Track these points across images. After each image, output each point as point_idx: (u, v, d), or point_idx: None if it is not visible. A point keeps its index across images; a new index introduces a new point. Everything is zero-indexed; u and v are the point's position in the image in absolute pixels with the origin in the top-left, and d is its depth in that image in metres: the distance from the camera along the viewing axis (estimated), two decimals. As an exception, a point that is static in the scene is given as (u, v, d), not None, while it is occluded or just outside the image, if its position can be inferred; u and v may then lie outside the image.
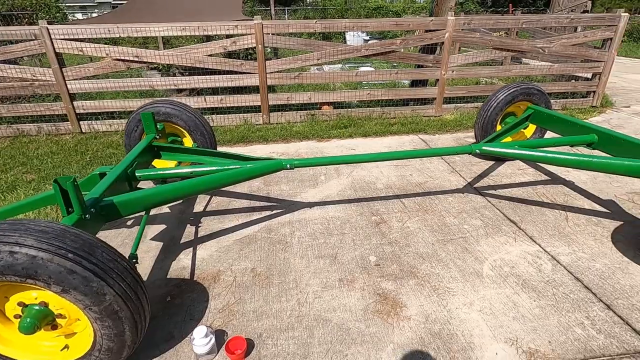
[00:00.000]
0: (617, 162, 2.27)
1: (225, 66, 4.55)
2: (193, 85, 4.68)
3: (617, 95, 6.28)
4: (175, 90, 5.52)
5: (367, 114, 5.07)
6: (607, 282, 2.09)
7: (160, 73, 6.71)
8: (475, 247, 2.41)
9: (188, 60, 4.47)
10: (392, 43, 4.67)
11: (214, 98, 4.75)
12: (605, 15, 4.88)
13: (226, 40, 4.56)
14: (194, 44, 4.58)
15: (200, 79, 4.60)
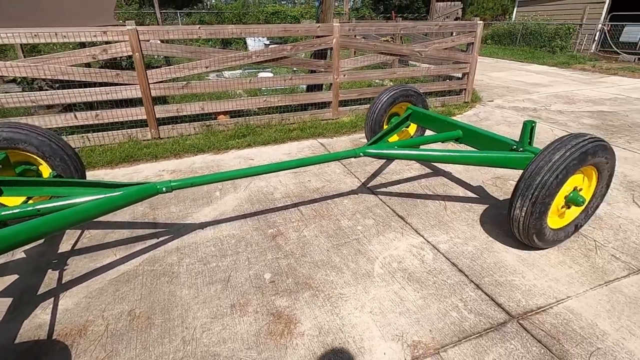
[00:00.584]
0: (474, 154, 2.56)
1: (96, 77, 4.01)
2: (57, 100, 4.02)
3: (484, 91, 7.29)
4: (44, 106, 4.71)
5: (266, 121, 4.98)
6: (477, 262, 2.34)
7: (21, 87, 5.67)
8: (367, 247, 2.50)
9: (47, 72, 3.82)
10: (282, 49, 4.66)
11: (87, 114, 4.16)
12: (466, 23, 5.60)
13: (96, 48, 4.02)
14: (60, 52, 3.94)
15: (64, 93, 3.97)
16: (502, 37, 15.91)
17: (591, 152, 2.09)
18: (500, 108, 6.01)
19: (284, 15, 14.89)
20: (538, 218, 2.17)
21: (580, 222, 2.45)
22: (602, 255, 2.39)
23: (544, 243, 2.34)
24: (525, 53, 13.32)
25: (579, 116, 5.51)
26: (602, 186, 2.37)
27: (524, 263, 2.33)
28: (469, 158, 2.54)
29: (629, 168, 3.70)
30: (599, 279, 2.19)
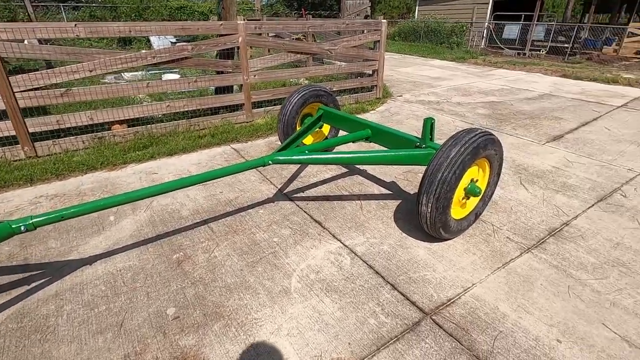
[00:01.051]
0: (380, 154, 2.58)
1: None
2: None
3: (394, 87, 7.68)
4: None
5: (172, 128, 4.53)
6: (392, 262, 2.37)
7: None
8: (284, 261, 2.36)
9: None
10: (182, 49, 4.26)
11: None
12: (372, 21, 5.78)
13: None
14: None
15: None
16: (407, 34, 17.08)
17: (482, 145, 2.23)
18: (408, 102, 6.36)
19: (191, 11, 13.93)
20: (442, 212, 2.25)
21: (479, 210, 2.63)
22: (499, 239, 2.61)
23: (450, 234, 2.46)
24: (428, 49, 14.46)
25: (474, 107, 6.09)
26: (494, 175, 2.56)
27: (434, 256, 2.42)
28: (376, 158, 2.56)
29: (516, 153, 4.16)
30: (497, 262, 2.37)
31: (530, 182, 3.46)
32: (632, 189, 3.31)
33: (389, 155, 2.53)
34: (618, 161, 3.93)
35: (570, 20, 21.74)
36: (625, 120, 5.39)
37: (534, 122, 5.27)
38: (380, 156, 2.54)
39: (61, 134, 4.00)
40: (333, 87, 5.75)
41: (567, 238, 2.61)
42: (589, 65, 11.16)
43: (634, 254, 2.44)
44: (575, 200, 3.13)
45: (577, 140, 4.54)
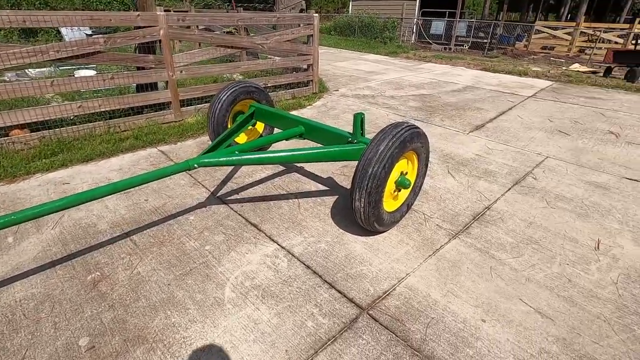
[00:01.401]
0: (312, 152, 2.53)
1: None
2: None
3: (331, 81, 7.73)
4: None
5: (87, 131, 4.06)
6: (330, 259, 2.35)
7: None
8: (217, 270, 2.22)
9: None
10: (94, 42, 3.82)
11: None
12: (303, 15, 5.71)
13: None
14: None
15: None
16: (343, 29, 17.35)
17: (409, 139, 2.29)
18: (345, 97, 6.43)
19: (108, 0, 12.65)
20: (375, 206, 2.28)
21: (410, 201, 2.72)
22: (430, 227, 2.72)
23: (384, 227, 2.51)
24: (363, 44, 14.83)
25: (406, 100, 6.35)
26: (422, 166, 2.66)
27: (370, 249, 2.45)
28: (307, 156, 2.51)
29: (444, 143, 4.41)
30: (429, 250, 2.47)
31: (457, 170, 3.68)
32: (541, 172, 3.69)
33: (320, 153, 2.50)
34: (529, 147, 4.35)
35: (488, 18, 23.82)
36: (534, 109, 6.00)
37: (459, 113, 5.64)
38: (311, 154, 2.50)
39: (-58, 143, 3.37)
40: (268, 82, 5.60)
41: (489, 221, 2.81)
42: (505, 59, 12.28)
43: (543, 231, 2.71)
44: (495, 185, 3.39)
45: (496, 129, 4.95)
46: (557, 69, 10.03)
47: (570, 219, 2.87)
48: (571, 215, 2.92)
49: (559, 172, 3.68)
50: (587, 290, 2.15)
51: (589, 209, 3.01)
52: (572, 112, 5.82)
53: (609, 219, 2.89)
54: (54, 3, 11.38)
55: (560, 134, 4.81)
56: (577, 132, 4.87)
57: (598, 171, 3.73)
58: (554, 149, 4.29)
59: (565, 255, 2.45)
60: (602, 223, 2.82)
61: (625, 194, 3.28)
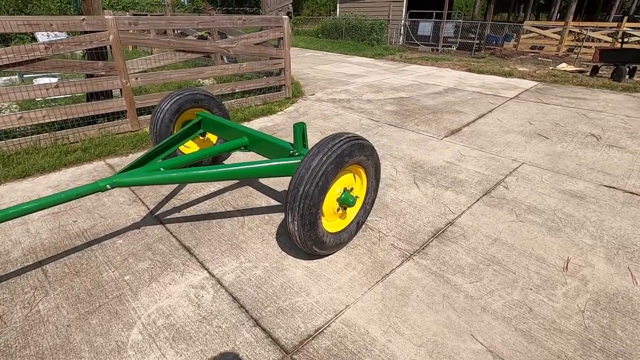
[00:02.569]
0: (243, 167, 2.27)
1: None
2: None
3: (309, 85, 7.48)
4: None
5: (30, 144, 3.79)
6: (262, 289, 2.08)
7: None
8: (130, 306, 1.95)
9: None
10: (33, 49, 3.55)
11: None
12: (272, 18, 5.47)
13: None
14: None
15: None
16: (330, 32, 17.14)
17: (347, 152, 2.03)
18: (319, 101, 6.19)
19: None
20: (310, 229, 2.02)
21: (361, 219, 2.46)
22: (384, 247, 2.46)
23: (327, 250, 2.25)
24: (350, 46, 14.62)
25: (383, 104, 6.11)
26: (372, 180, 2.40)
27: (311, 276, 2.19)
28: (238, 172, 2.25)
29: (415, 149, 4.16)
30: (377, 275, 2.20)
31: (424, 179, 3.42)
32: (514, 180, 3.44)
33: (252, 169, 2.24)
34: (505, 152, 4.10)
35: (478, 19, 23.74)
36: (515, 110, 5.77)
37: (436, 117, 5.40)
38: (241, 170, 2.23)
39: None
40: (236, 87, 5.35)
41: (450, 239, 2.56)
42: (492, 59, 12.09)
43: (508, 249, 2.45)
44: (463, 196, 3.14)
45: (472, 133, 4.71)
46: (544, 69, 9.83)
47: (540, 234, 2.61)
48: (541, 229, 2.67)
49: (533, 180, 3.43)
50: (549, 322, 1.89)
51: (561, 222, 2.76)
52: (554, 114, 5.59)
53: (581, 233, 2.64)
54: (28, 9, 11.09)
55: (539, 137, 4.57)
56: (557, 135, 4.63)
57: (575, 178, 3.48)
58: (530, 154, 4.05)
59: (530, 278, 2.20)
60: (574, 238, 2.57)
61: (602, 203, 3.04)
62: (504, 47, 15.01)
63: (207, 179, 2.23)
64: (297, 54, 12.70)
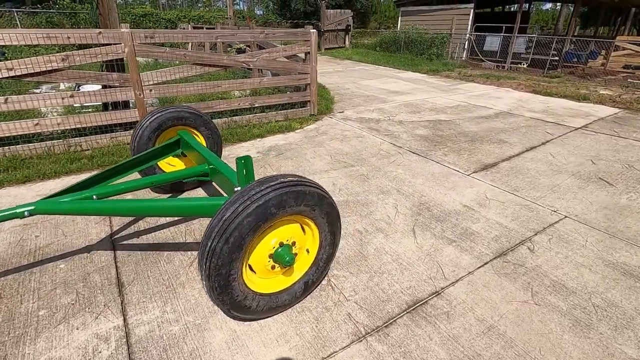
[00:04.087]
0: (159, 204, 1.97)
1: None
2: None
3: (343, 101, 7.11)
4: None
5: (44, 149, 3.97)
6: (167, 354, 1.74)
7: None
8: (22, 351, 1.75)
9: None
10: (50, 60, 3.72)
11: None
12: (298, 31, 5.24)
13: None
14: None
15: None
16: (389, 45, 16.60)
17: (275, 203, 1.62)
18: (346, 120, 5.77)
19: (156, 18, 13.51)
20: (222, 292, 1.64)
21: (311, 278, 2.01)
22: (337, 316, 1.98)
23: (254, 315, 1.84)
24: (406, 60, 13.94)
25: (416, 127, 5.49)
26: (325, 235, 1.95)
27: (233, 344, 1.80)
28: (154, 208, 1.95)
29: (430, 186, 3.54)
30: (311, 357, 1.74)
31: (425, 227, 2.84)
32: (546, 240, 2.68)
33: (169, 206, 1.93)
34: (546, 199, 3.30)
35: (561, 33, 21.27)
36: (577, 144, 4.76)
37: (472, 147, 4.65)
38: (158, 206, 1.94)
39: None
40: (255, 102, 5.19)
41: (428, 316, 1.98)
42: (568, 80, 10.57)
43: (503, 346, 1.81)
44: (467, 255, 2.50)
45: (511, 171, 3.92)
46: (633, 94, 8.25)
47: (558, 329, 1.91)
48: (562, 322, 1.96)
49: (573, 243, 2.64)
50: None
51: (597, 315, 2.01)
52: (629, 153, 4.49)
53: (624, 336, 1.88)
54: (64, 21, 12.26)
55: (599, 182, 3.64)
56: (625, 182, 3.65)
57: (636, 247, 2.61)
58: (581, 205, 3.20)
59: (521, 400, 1.56)
60: (610, 345, 1.83)
61: (669, 291, 2.19)
62: (588, 66, 13.10)
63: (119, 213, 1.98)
64: (346, 67, 12.42)
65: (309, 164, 4.05)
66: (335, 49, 17.12)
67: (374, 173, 3.81)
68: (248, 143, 4.69)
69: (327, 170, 3.88)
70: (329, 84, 8.90)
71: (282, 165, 4.00)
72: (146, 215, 2.03)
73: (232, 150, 4.43)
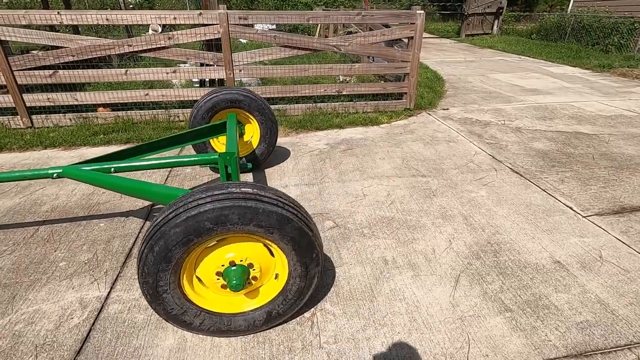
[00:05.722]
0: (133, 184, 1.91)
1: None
2: None
3: (456, 96, 6.08)
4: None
5: (151, 117, 4.58)
6: (117, 343, 1.71)
7: None
8: (24, 295, 1.98)
9: None
10: (159, 39, 4.18)
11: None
12: (402, 13, 4.60)
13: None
14: None
15: None
16: (549, 32, 13.54)
17: (211, 217, 1.32)
18: (446, 119, 4.89)
19: (295, 2, 14.17)
20: (153, 302, 1.47)
21: (276, 310, 1.66)
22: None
23: (201, 332, 1.63)
24: (568, 52, 11.12)
25: (536, 138, 4.24)
26: (294, 264, 1.56)
27: (177, 354, 1.63)
28: (127, 189, 1.90)
29: (515, 221, 2.62)
30: (240, 406, 1.44)
31: (479, 278, 2.09)
32: None
33: (136, 187, 1.86)
34: None
35: None
36: None
37: (615, 176, 3.30)
38: (127, 186, 1.91)
39: (54, 110, 4.46)
40: (343, 89, 4.85)
41: (411, 410, 1.42)
42: None
43: None
44: (520, 339, 1.71)
45: (665, 223, 2.60)
46: None
47: None
48: None
49: None
50: None
51: None
52: None
53: None
54: (253, 5, 13.59)
55: None
56: None
57: None
58: None
59: None
60: None
61: None
62: None
63: (111, 189, 2.02)
64: (482, 57, 10.70)
65: (374, 165, 3.55)
66: (477, 36, 14.97)
67: (445, 190, 3.07)
68: (323, 132, 4.44)
69: (390, 176, 3.33)
70: (450, 75, 7.79)
71: (343, 162, 3.62)
72: (126, 194, 2.05)
73: (302, 138, 4.26)
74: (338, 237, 2.47)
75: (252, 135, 3.32)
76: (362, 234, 2.50)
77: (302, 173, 3.39)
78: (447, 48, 12.38)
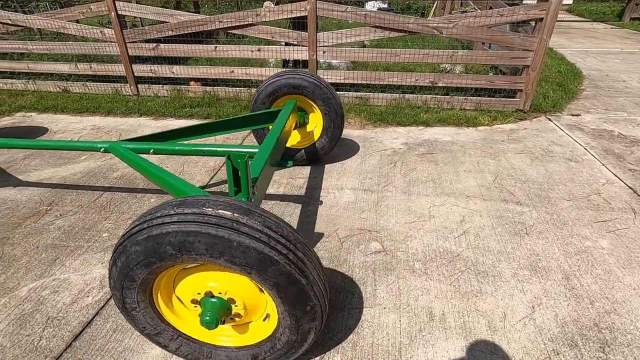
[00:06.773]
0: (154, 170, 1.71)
1: (85, 32, 4.50)
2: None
3: (595, 98, 4.67)
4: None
5: (234, 94, 4.62)
6: (112, 337, 1.63)
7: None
8: (60, 261, 2.08)
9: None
10: (247, 15, 4.09)
11: (84, 65, 4.77)
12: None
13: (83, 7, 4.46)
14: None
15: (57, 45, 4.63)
16: None
17: (174, 241, 1.04)
18: (573, 129, 3.75)
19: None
20: (126, 316, 1.30)
21: (263, 356, 1.35)
22: None
23: (176, 354, 1.42)
24: None
25: None
26: (282, 313, 1.19)
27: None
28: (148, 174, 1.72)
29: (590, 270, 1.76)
30: None
31: None
32: None
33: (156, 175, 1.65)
34: None
35: None
36: None
37: None
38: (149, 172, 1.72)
39: (155, 81, 4.83)
40: (438, 81, 4.12)
41: None
42: None
43: None
44: None
45: None
46: None
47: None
48: None
49: None
50: None
51: None
52: None
53: None
54: None
55: None
56: None
57: None
58: None
59: None
60: None
61: None
62: None
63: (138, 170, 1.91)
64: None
65: (455, 178, 2.88)
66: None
67: (546, 229, 2.28)
68: (404, 129, 3.85)
69: (472, 195, 2.64)
70: (593, 69, 6.11)
71: (417, 168, 3.03)
72: (151, 181, 1.93)
73: (378, 133, 3.75)
74: (380, 267, 2.01)
75: (315, 126, 3.00)
76: (411, 269, 1.99)
77: (364, 175, 2.95)
78: (600, 35, 9.83)
